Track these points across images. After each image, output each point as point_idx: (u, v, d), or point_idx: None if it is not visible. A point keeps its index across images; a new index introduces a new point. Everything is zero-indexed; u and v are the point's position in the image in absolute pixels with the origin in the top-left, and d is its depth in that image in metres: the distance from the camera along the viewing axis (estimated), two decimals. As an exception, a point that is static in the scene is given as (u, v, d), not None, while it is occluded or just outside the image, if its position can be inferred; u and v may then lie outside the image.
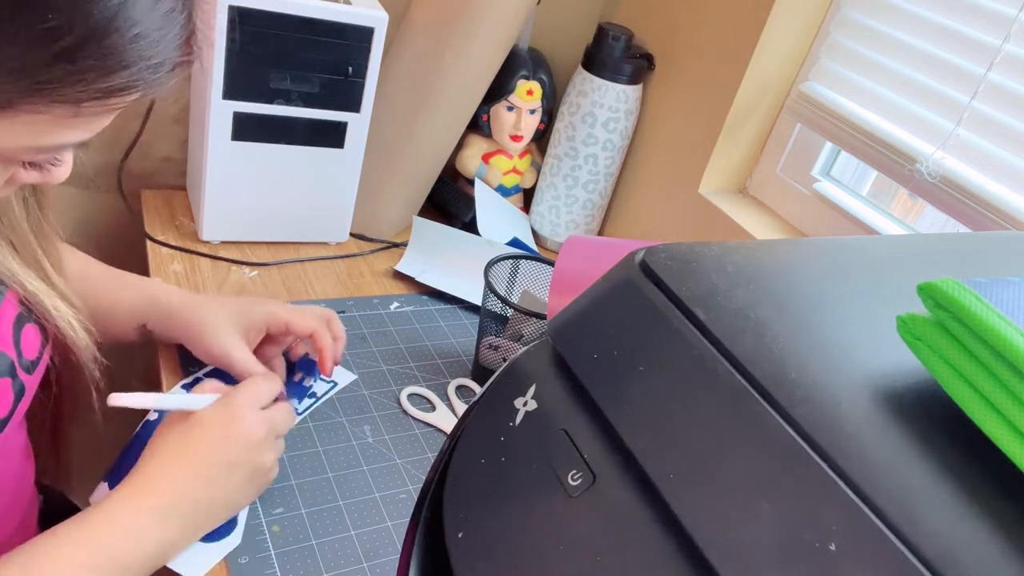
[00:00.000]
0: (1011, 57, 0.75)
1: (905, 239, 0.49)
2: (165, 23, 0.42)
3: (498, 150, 1.17)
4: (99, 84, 0.41)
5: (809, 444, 0.27)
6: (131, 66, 0.41)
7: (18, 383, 0.59)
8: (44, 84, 0.40)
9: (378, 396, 0.83)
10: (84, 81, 0.41)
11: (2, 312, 0.58)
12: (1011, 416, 0.27)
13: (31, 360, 0.61)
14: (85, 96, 0.41)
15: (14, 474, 0.66)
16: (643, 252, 0.36)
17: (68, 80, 0.40)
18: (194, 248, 0.96)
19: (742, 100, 0.99)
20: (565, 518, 0.32)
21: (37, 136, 0.43)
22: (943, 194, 0.81)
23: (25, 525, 0.70)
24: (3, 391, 0.58)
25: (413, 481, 0.74)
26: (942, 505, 0.25)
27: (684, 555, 0.28)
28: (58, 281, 0.63)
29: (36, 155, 0.46)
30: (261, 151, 0.92)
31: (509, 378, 0.39)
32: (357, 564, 0.65)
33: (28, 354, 0.60)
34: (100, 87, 0.41)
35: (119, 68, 0.41)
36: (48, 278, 0.62)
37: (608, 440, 0.33)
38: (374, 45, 0.89)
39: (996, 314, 0.27)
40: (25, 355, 0.60)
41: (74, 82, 0.40)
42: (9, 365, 0.58)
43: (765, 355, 0.31)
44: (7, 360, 0.58)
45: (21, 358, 0.59)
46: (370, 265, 1.04)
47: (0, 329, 0.58)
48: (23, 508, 0.69)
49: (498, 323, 0.86)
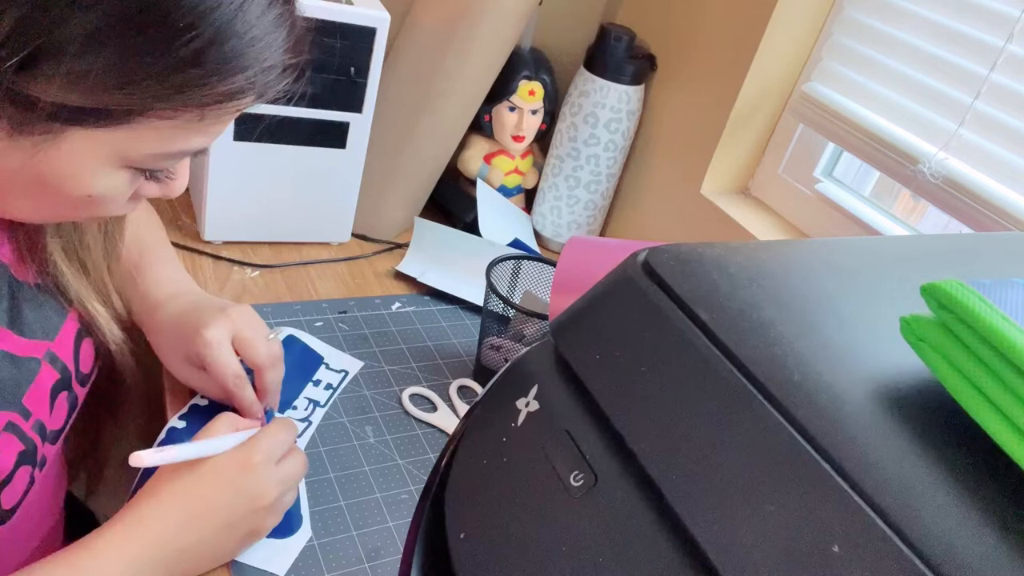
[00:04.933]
0: (1014, 57, 0.75)
1: (908, 240, 0.49)
2: (275, 27, 0.45)
3: (500, 150, 1.17)
4: (221, 88, 0.43)
5: (812, 445, 0.27)
6: (248, 69, 0.44)
7: (73, 395, 0.61)
8: (173, 90, 0.42)
9: (380, 396, 0.83)
10: (208, 85, 0.43)
11: (66, 327, 0.60)
12: (1014, 417, 0.26)
13: (86, 374, 0.62)
14: (209, 100, 0.44)
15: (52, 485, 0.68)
16: (645, 253, 0.36)
17: (194, 84, 0.42)
18: (196, 248, 0.96)
19: (744, 100, 0.99)
20: (567, 519, 0.32)
21: (164, 143, 0.45)
22: (946, 195, 0.81)
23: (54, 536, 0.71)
24: (61, 403, 0.59)
25: (415, 481, 0.74)
26: (945, 507, 0.25)
27: (686, 556, 0.28)
28: (117, 303, 0.65)
29: (161, 162, 0.48)
30: (263, 151, 0.92)
31: (511, 379, 0.39)
32: (359, 564, 0.65)
33: (84, 368, 0.62)
34: (222, 91, 0.43)
35: (238, 71, 0.43)
36: (109, 301, 0.64)
37: (610, 441, 0.33)
38: (376, 45, 0.89)
39: (1000, 315, 0.27)
40: (82, 368, 0.62)
41: (199, 86, 0.42)
42: (68, 378, 0.59)
43: (768, 356, 0.31)
44: (67, 373, 0.59)
45: (78, 371, 0.61)
46: (372, 265, 1.04)
47: (64, 343, 0.60)
48: (54, 518, 0.70)
49: (500, 324, 0.86)
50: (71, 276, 0.59)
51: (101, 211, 0.50)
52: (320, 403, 0.79)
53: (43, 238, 0.57)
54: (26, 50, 0.38)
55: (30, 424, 0.56)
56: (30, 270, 0.57)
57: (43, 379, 0.57)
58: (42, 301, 0.58)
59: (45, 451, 0.58)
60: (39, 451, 0.57)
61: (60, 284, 0.59)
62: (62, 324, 0.60)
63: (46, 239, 0.57)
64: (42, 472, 0.59)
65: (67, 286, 0.59)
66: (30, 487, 0.57)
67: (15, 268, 0.57)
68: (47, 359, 0.58)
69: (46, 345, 0.58)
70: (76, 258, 0.60)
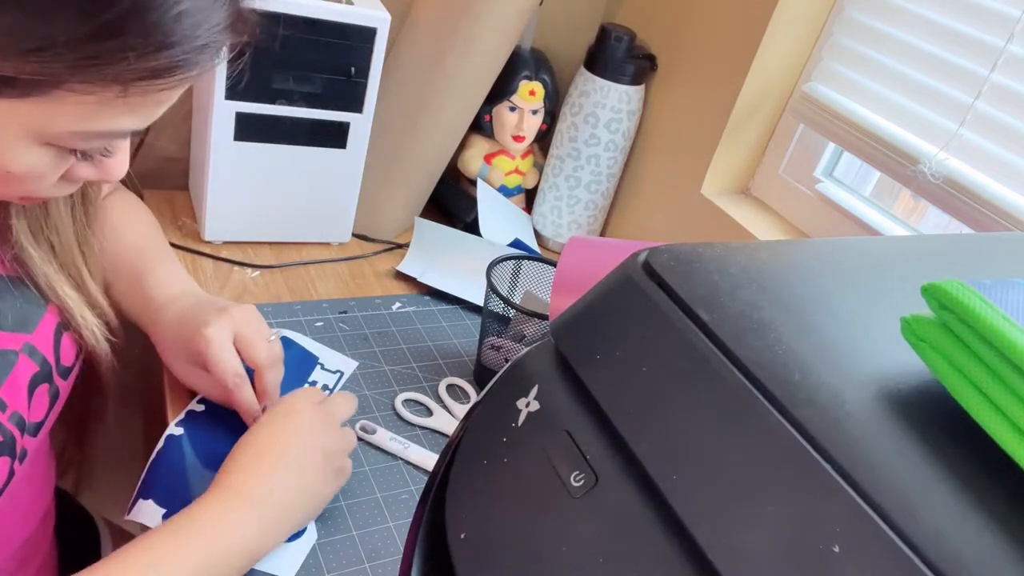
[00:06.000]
0: (1014, 58, 0.75)
1: (908, 240, 0.49)
2: (211, 3, 0.42)
3: (500, 151, 1.17)
4: (144, 63, 0.41)
5: (812, 445, 0.27)
6: (175, 45, 0.42)
7: (54, 388, 0.61)
8: (90, 60, 0.40)
9: (380, 396, 0.83)
10: (128, 59, 0.41)
11: (45, 320, 0.60)
12: (1015, 418, 0.26)
13: (67, 366, 0.62)
14: (130, 75, 0.42)
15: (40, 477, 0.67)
16: (646, 253, 0.36)
17: (113, 57, 0.40)
18: (196, 248, 0.96)
19: (745, 101, 0.99)
20: (567, 519, 0.32)
21: (87, 119, 0.43)
22: (946, 195, 0.81)
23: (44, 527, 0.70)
24: (41, 395, 0.59)
25: (415, 481, 0.74)
26: (946, 507, 0.25)
27: (687, 557, 0.28)
28: (92, 289, 0.64)
29: (88, 141, 0.46)
30: (263, 151, 0.92)
31: (511, 379, 0.39)
32: (359, 564, 0.65)
33: (65, 360, 0.62)
34: (145, 66, 0.41)
35: (163, 47, 0.41)
36: (82, 286, 0.63)
37: (611, 441, 0.33)
38: (376, 45, 0.89)
39: (1001, 315, 0.27)
40: (63, 361, 0.61)
41: (119, 59, 0.40)
42: (48, 371, 0.59)
43: (768, 356, 0.31)
44: (47, 366, 0.59)
45: (59, 364, 0.61)
46: (372, 265, 1.04)
47: (43, 335, 0.59)
48: (44, 510, 0.70)
49: (500, 324, 0.86)
50: (38, 259, 0.58)
51: (27, 189, 0.48)
52: None
53: (8, 219, 0.55)
54: None
55: (7, 416, 0.55)
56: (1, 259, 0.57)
57: (20, 371, 0.57)
58: (17, 294, 0.57)
59: (25, 443, 0.58)
60: (18, 443, 0.57)
61: (28, 270, 0.58)
62: (41, 317, 0.59)
63: (11, 220, 0.56)
64: (23, 465, 0.59)
65: (35, 271, 0.58)
66: (10, 479, 0.57)
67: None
68: (25, 351, 0.57)
69: (24, 337, 0.57)
70: (44, 239, 0.58)
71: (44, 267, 0.58)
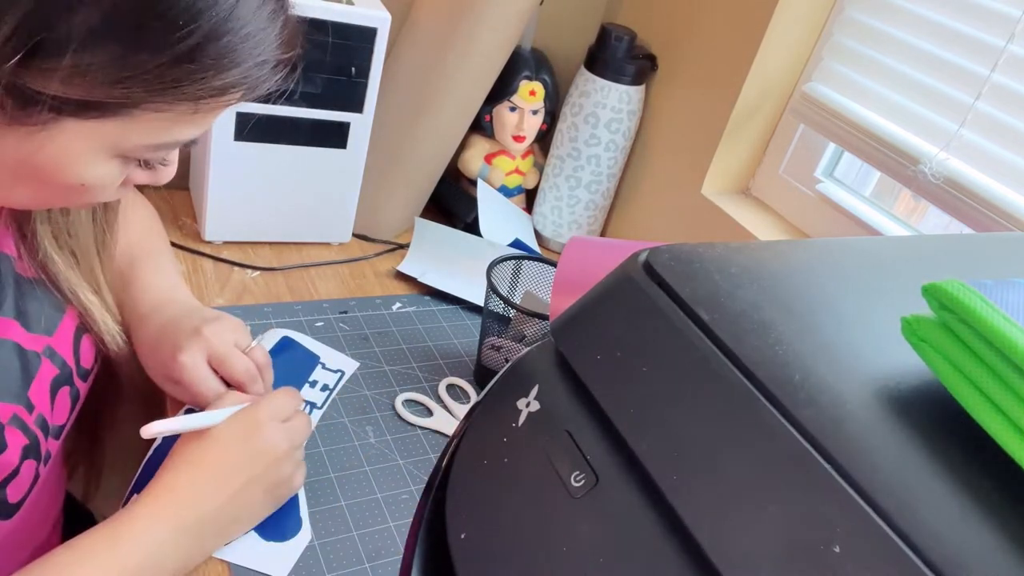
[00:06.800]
0: (1015, 58, 0.75)
1: (909, 240, 0.49)
2: (269, 23, 0.46)
3: (500, 151, 1.17)
4: (216, 82, 0.44)
5: (813, 446, 0.27)
6: (242, 64, 0.45)
7: (75, 390, 0.62)
8: (169, 84, 0.43)
9: (380, 397, 0.83)
10: (204, 79, 0.44)
11: (65, 323, 0.61)
12: (1016, 418, 0.26)
13: (87, 369, 0.63)
14: (204, 94, 0.45)
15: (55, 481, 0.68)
16: (646, 253, 0.36)
17: (190, 79, 0.43)
18: (197, 248, 0.96)
19: (745, 101, 0.99)
20: (568, 519, 0.32)
21: (158, 134, 0.46)
22: (947, 195, 0.81)
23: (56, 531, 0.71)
24: (63, 398, 0.60)
25: (415, 482, 0.74)
26: (947, 507, 0.25)
27: (687, 557, 0.28)
28: (107, 295, 0.65)
29: (154, 152, 0.49)
30: (264, 151, 0.92)
31: (512, 379, 0.39)
32: (359, 565, 0.65)
33: (85, 363, 0.63)
34: (217, 85, 0.45)
35: (233, 66, 0.44)
36: (100, 291, 0.64)
37: (611, 441, 0.33)
38: (377, 45, 0.89)
39: (1001, 315, 0.27)
40: (83, 363, 0.62)
41: (195, 80, 0.44)
42: (69, 373, 0.60)
43: (769, 356, 0.31)
44: (67, 368, 0.60)
45: (79, 366, 0.62)
46: (372, 266, 1.04)
47: (63, 338, 0.60)
48: (54, 518, 0.70)
49: (501, 324, 0.86)
50: (62, 265, 0.60)
51: (93, 198, 0.51)
52: (317, 405, 0.78)
53: (33, 224, 0.57)
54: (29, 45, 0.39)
55: (33, 418, 0.56)
56: (27, 262, 0.58)
57: (44, 374, 0.58)
58: (40, 296, 0.59)
59: (49, 446, 0.59)
60: (43, 446, 0.58)
61: (52, 275, 0.59)
62: (61, 320, 0.60)
63: (36, 225, 0.58)
64: (46, 468, 0.59)
65: (58, 276, 0.60)
66: (35, 482, 0.57)
67: (17, 263, 0.58)
68: (46, 354, 0.58)
69: (45, 340, 0.58)
70: (66, 244, 0.60)
71: (68, 272, 0.60)
